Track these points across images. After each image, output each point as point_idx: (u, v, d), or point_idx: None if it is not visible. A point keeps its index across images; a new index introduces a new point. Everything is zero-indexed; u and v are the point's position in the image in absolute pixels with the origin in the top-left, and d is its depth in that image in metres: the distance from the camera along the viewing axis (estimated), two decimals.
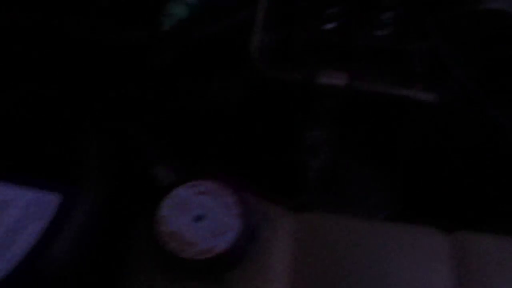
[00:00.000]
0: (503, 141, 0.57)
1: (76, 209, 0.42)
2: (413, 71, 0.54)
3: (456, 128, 0.57)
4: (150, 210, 0.42)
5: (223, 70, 0.54)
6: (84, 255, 0.43)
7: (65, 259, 0.41)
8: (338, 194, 0.56)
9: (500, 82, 0.57)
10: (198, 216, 0.41)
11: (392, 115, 0.54)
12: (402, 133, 0.55)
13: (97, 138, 0.46)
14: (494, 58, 0.56)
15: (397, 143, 0.55)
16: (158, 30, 0.49)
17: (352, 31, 0.53)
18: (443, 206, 0.57)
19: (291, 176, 0.55)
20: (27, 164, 0.43)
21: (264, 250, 0.43)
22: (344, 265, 0.44)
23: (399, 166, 0.55)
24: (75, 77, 0.49)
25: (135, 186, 0.46)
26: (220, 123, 0.55)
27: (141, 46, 0.51)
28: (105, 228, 0.44)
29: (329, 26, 0.54)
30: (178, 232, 0.40)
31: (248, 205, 0.43)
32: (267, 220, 0.45)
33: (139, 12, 0.51)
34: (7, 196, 0.41)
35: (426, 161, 0.57)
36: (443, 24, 0.56)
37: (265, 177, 0.57)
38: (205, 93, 0.54)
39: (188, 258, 0.40)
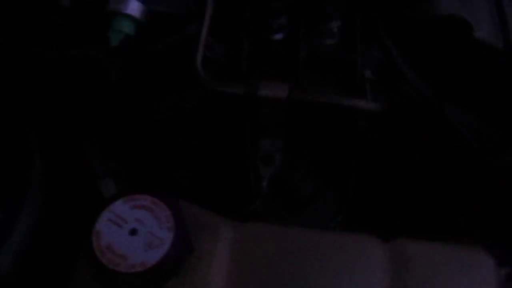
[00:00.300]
0: (455, 143, 0.57)
1: (17, 226, 0.43)
2: (361, 79, 0.54)
3: (405, 135, 0.58)
4: (90, 223, 0.43)
5: (175, 84, 0.55)
6: (27, 267, 0.44)
7: (7, 272, 0.43)
8: (289, 202, 0.56)
9: (454, 85, 0.57)
10: (133, 229, 0.42)
11: (340, 124, 0.55)
12: (351, 142, 0.56)
13: (42, 153, 0.47)
14: (447, 62, 0.56)
15: (346, 151, 0.56)
16: (106, 46, 0.51)
17: (300, 41, 0.54)
18: (390, 213, 0.58)
19: (244, 185, 0.56)
20: None
21: (202, 261, 0.44)
22: (282, 276, 0.44)
23: (349, 175, 0.56)
24: (23, 92, 0.51)
25: (80, 199, 0.48)
26: (172, 134, 0.57)
27: (90, 62, 0.52)
28: (48, 241, 0.46)
29: (277, 36, 0.55)
30: (112, 246, 0.42)
31: (184, 218, 0.44)
32: (206, 231, 0.46)
33: (88, 29, 0.52)
34: None
35: (375, 169, 0.58)
36: (397, 30, 0.56)
37: (218, 186, 0.58)
38: (157, 105, 0.55)
39: (122, 272, 0.41)
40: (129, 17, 0.51)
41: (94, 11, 0.52)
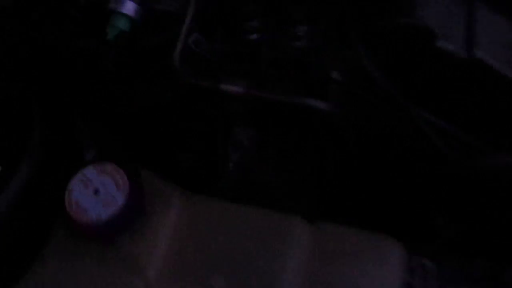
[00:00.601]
0: (425, 146, 0.62)
1: (16, 177, 0.55)
2: (325, 80, 0.61)
3: (374, 136, 0.63)
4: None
5: (159, 74, 0.64)
6: (20, 215, 0.56)
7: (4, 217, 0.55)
8: (252, 185, 0.64)
9: (419, 90, 0.61)
10: (96, 190, 0.52)
11: (302, 121, 0.62)
12: (311, 138, 0.62)
13: (43, 122, 0.58)
14: (411, 68, 0.61)
15: (310, 147, 0.62)
16: (103, 39, 0.61)
17: (270, 42, 0.61)
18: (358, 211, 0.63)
19: (213, 165, 0.64)
20: None
21: (152, 222, 0.54)
22: (214, 243, 0.53)
23: (312, 169, 0.62)
24: (34, 72, 0.63)
25: (67, 163, 0.59)
26: (153, 119, 0.66)
27: (88, 52, 0.63)
28: (39, 193, 0.57)
29: (252, 37, 0.62)
30: (79, 201, 0.52)
31: (139, 184, 0.54)
32: (159, 198, 0.55)
33: (89, 23, 0.63)
34: None
35: (345, 168, 0.63)
36: (368, 35, 0.61)
37: (189, 165, 0.67)
38: (142, 92, 0.65)
39: (82, 221, 0.51)
40: (125, 15, 0.61)
41: (99, 8, 0.62)
